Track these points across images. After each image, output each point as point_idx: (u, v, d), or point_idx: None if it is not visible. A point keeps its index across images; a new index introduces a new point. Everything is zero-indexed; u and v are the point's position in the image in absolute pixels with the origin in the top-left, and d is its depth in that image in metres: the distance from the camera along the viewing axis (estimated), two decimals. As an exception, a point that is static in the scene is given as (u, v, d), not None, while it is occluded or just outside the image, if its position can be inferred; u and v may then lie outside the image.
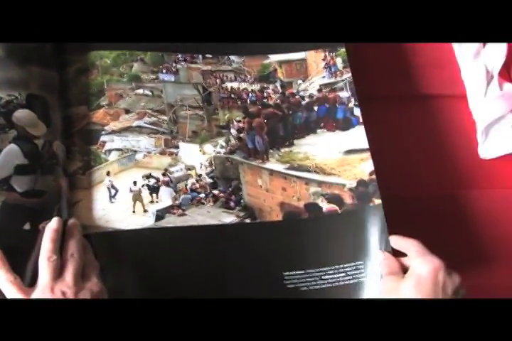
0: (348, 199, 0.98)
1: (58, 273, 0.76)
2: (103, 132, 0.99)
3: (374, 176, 0.98)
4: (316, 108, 1.08)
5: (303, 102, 1.08)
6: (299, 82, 1.09)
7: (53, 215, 0.84)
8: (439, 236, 0.92)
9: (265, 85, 1.08)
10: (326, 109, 1.07)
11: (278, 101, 1.08)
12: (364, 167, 1.00)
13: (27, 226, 0.82)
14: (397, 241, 0.86)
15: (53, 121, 0.89)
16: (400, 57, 1.21)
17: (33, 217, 0.83)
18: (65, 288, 0.74)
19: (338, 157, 1.02)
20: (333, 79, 1.08)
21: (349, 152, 1.02)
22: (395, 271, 0.83)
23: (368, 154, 1.00)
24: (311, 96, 1.08)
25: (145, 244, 0.91)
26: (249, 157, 1.03)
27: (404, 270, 0.82)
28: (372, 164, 1.00)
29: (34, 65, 0.92)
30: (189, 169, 1.00)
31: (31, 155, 0.86)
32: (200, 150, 1.02)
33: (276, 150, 1.04)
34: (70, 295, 0.74)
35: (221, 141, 1.03)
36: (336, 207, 0.98)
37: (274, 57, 1.10)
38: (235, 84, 1.07)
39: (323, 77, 1.08)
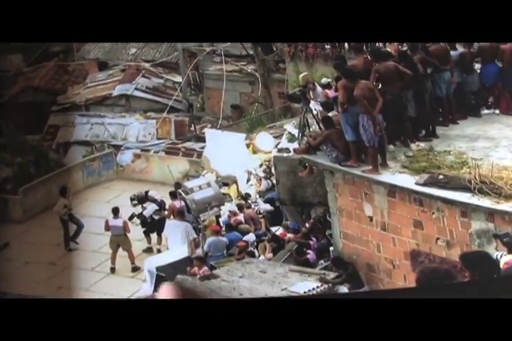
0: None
1: None
2: (53, 108, 0.59)
3: None
4: (478, 66, 0.63)
5: (453, 53, 0.63)
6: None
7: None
8: None
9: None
10: (497, 69, 0.61)
11: (405, 48, 0.64)
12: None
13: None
14: None
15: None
16: None
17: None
18: None
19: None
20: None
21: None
22: None
23: None
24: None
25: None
26: (346, 159, 0.63)
27: None
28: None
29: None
30: (225, 184, 0.62)
31: None
32: (249, 145, 0.62)
33: (402, 145, 0.63)
34: None
35: (289, 126, 0.65)
36: (519, 259, 0.63)
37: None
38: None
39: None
